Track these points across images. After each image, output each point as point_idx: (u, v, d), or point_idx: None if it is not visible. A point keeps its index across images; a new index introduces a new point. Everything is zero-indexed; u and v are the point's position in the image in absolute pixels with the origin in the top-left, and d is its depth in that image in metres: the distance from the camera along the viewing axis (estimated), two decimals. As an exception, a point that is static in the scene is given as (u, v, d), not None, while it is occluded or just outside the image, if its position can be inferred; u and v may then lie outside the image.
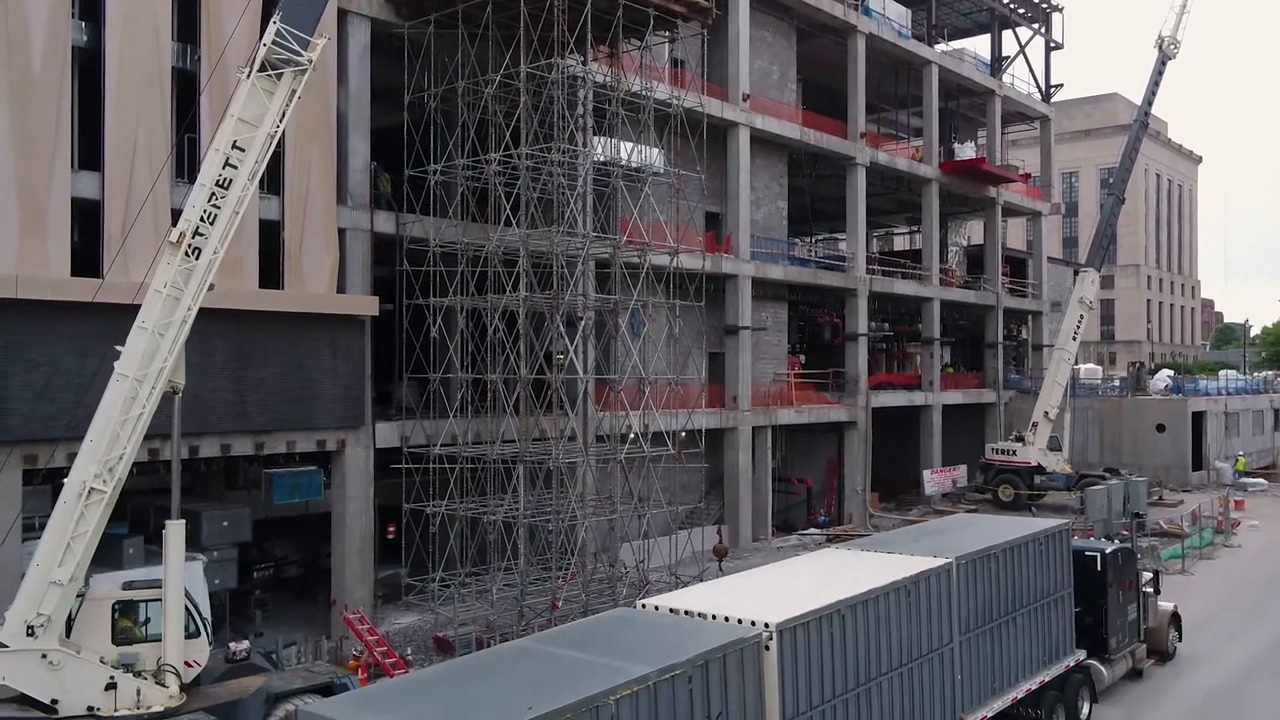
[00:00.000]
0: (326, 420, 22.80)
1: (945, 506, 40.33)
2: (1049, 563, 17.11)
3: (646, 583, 25.38)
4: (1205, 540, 33.91)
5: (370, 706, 9.58)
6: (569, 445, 24.88)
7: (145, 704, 14.42)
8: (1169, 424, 47.53)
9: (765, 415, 35.11)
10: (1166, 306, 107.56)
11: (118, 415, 14.30)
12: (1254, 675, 20.60)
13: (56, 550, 14.03)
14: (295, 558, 28.05)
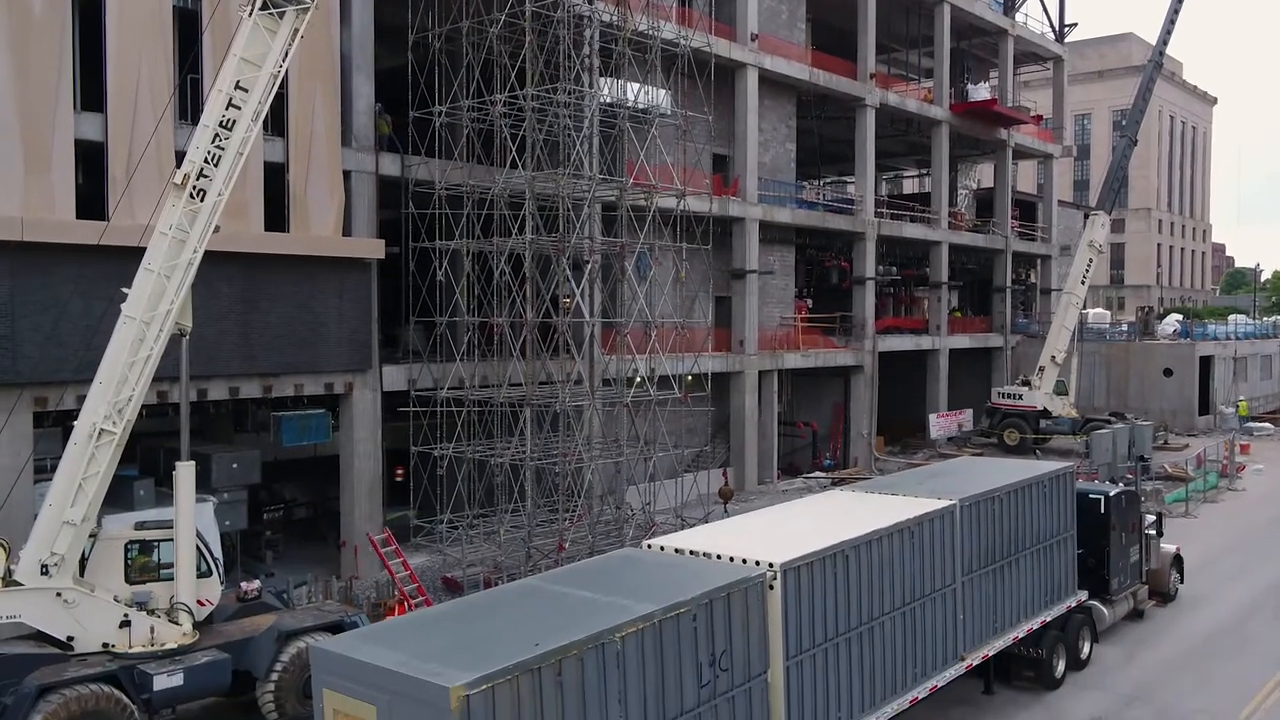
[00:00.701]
0: (334, 363, 22.88)
1: (950, 450, 40.48)
2: (1052, 505, 17.20)
3: (653, 524, 25.59)
4: (1209, 484, 34.04)
5: (379, 642, 9.73)
6: (575, 389, 24.95)
7: (159, 641, 14.68)
8: (1176, 369, 47.47)
9: (772, 359, 35.12)
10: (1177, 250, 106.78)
11: (125, 357, 14.38)
12: (1254, 615, 20.79)
13: (68, 491, 14.20)
14: (305, 499, 28.35)
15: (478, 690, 8.52)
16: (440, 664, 8.86)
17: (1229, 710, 16.07)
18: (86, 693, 13.43)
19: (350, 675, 9.27)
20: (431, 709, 8.51)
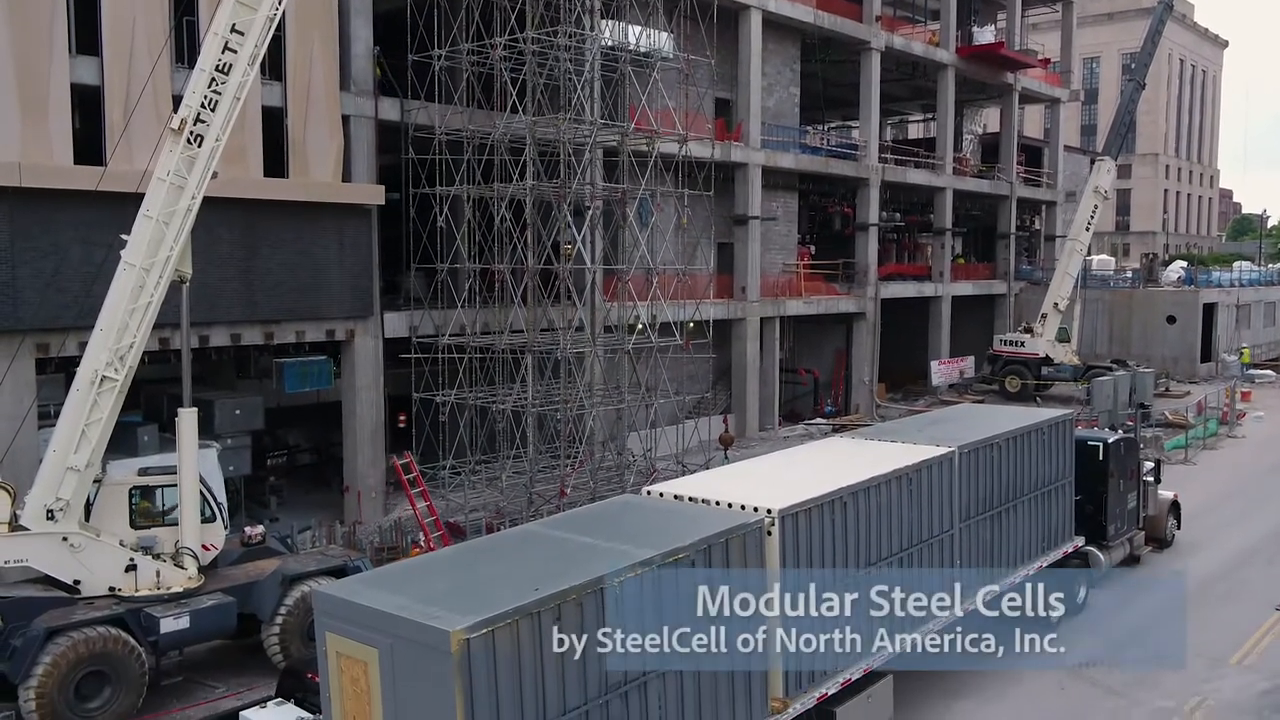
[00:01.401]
0: (335, 310, 22.89)
1: (952, 397, 40.57)
2: (1051, 452, 17.27)
3: (654, 470, 25.75)
4: (1209, 431, 34.14)
5: (381, 586, 9.86)
6: (577, 335, 24.98)
7: (164, 585, 14.87)
8: (1179, 316, 47.37)
9: (774, 306, 35.08)
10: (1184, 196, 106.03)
11: (126, 304, 14.38)
12: (1249, 561, 20.97)
13: (72, 437, 14.29)
14: (308, 445, 28.53)
15: (478, 634, 8.63)
16: (441, 608, 8.96)
17: (1222, 652, 16.29)
18: (94, 635, 13.63)
19: (352, 619, 9.39)
20: (432, 652, 8.63)
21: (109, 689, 13.68)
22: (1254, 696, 14.81)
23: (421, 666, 8.77)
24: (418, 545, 20.87)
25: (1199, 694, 14.82)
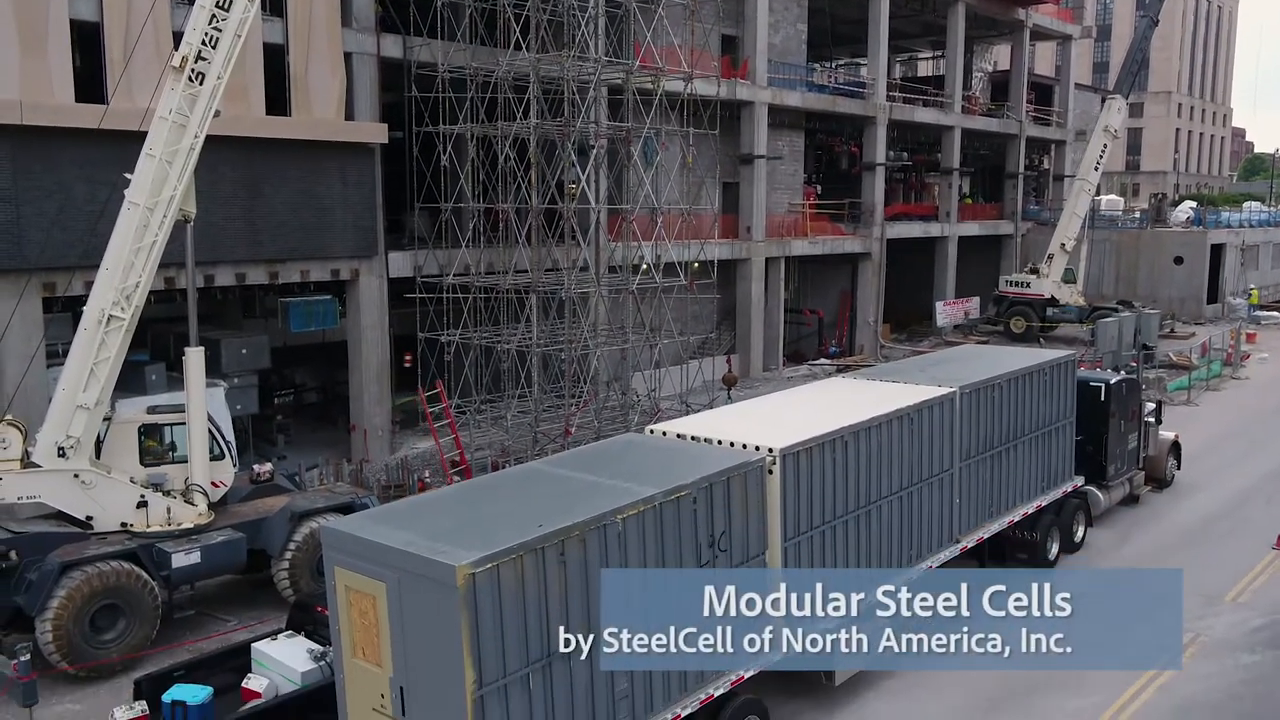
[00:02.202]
0: (339, 249, 22.89)
1: (956, 338, 40.58)
2: (1053, 393, 17.35)
3: (658, 410, 25.90)
4: (1213, 372, 34.16)
5: (388, 522, 10.02)
6: (581, 275, 24.97)
7: (175, 521, 15.10)
8: (1187, 256, 47.14)
9: (779, 246, 34.97)
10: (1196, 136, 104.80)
11: (131, 243, 14.43)
12: (1248, 501, 21.14)
13: (80, 375, 14.42)
14: (314, 384, 28.69)
15: (483, 569, 8.81)
16: (447, 543, 9.13)
17: (1218, 590, 16.50)
18: (108, 569, 13.88)
19: (360, 554, 9.57)
20: (438, 586, 8.81)
21: (123, 621, 13.96)
22: (1246, 633, 15.03)
23: (428, 600, 8.96)
24: (424, 482, 21.12)
25: (1192, 630, 15.02)
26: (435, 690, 9.07)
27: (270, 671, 11.63)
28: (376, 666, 9.53)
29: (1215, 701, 13.11)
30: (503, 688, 9.02)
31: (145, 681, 11.72)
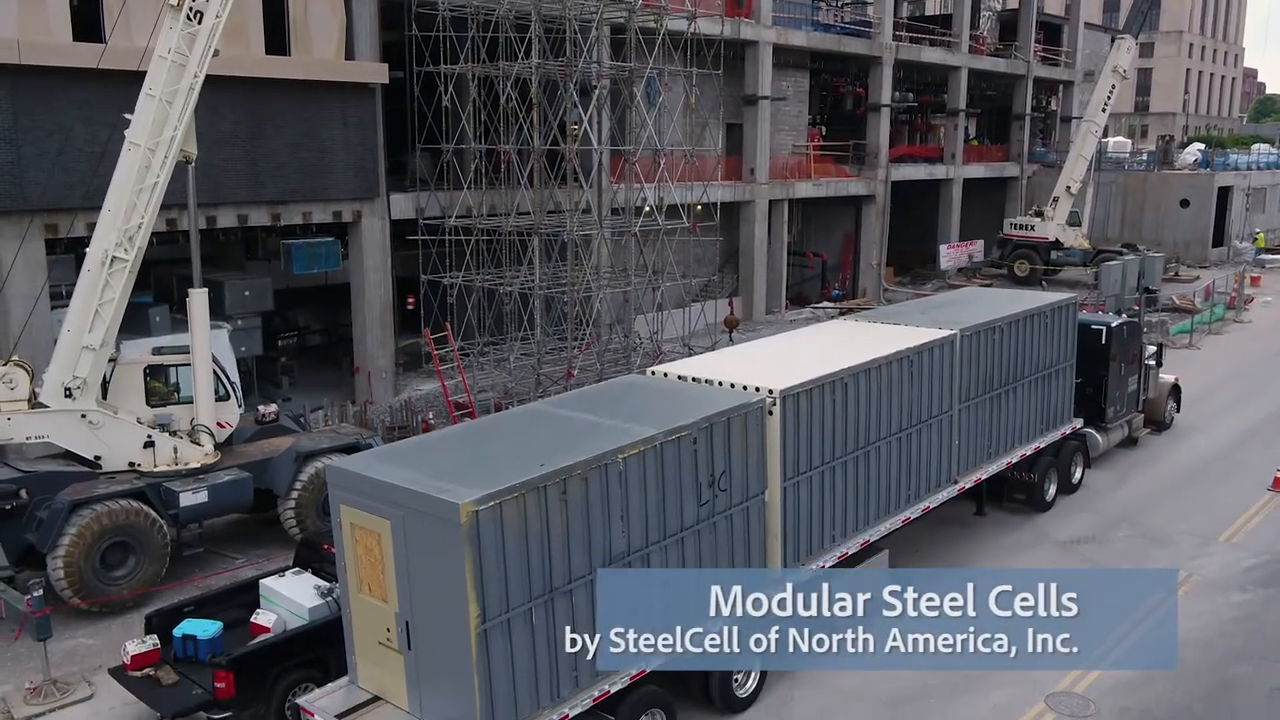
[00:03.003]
0: (341, 191, 22.83)
1: (959, 281, 40.54)
2: (1054, 335, 17.39)
3: (660, 353, 25.99)
4: (1216, 315, 34.15)
5: (393, 461, 10.15)
6: (583, 217, 24.91)
7: (182, 461, 15.29)
8: (1193, 199, 46.85)
9: (783, 188, 34.80)
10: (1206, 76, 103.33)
11: (133, 184, 14.44)
12: (1246, 443, 21.29)
13: (85, 317, 14.52)
14: (318, 327, 28.80)
15: (486, 506, 8.95)
16: (451, 482, 9.26)
17: (1212, 531, 16.72)
18: (117, 508, 14.08)
19: (365, 492, 9.71)
20: (443, 524, 8.96)
21: (133, 559, 14.20)
22: (1239, 572, 15.25)
23: (432, 537, 9.12)
24: (428, 423, 21.29)
25: (1186, 570, 15.25)
26: (440, 624, 9.26)
27: (278, 607, 11.86)
28: (382, 601, 9.72)
29: (1206, 639, 13.34)
30: (506, 622, 9.21)
31: (156, 616, 11.98)
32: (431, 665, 9.47)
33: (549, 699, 9.70)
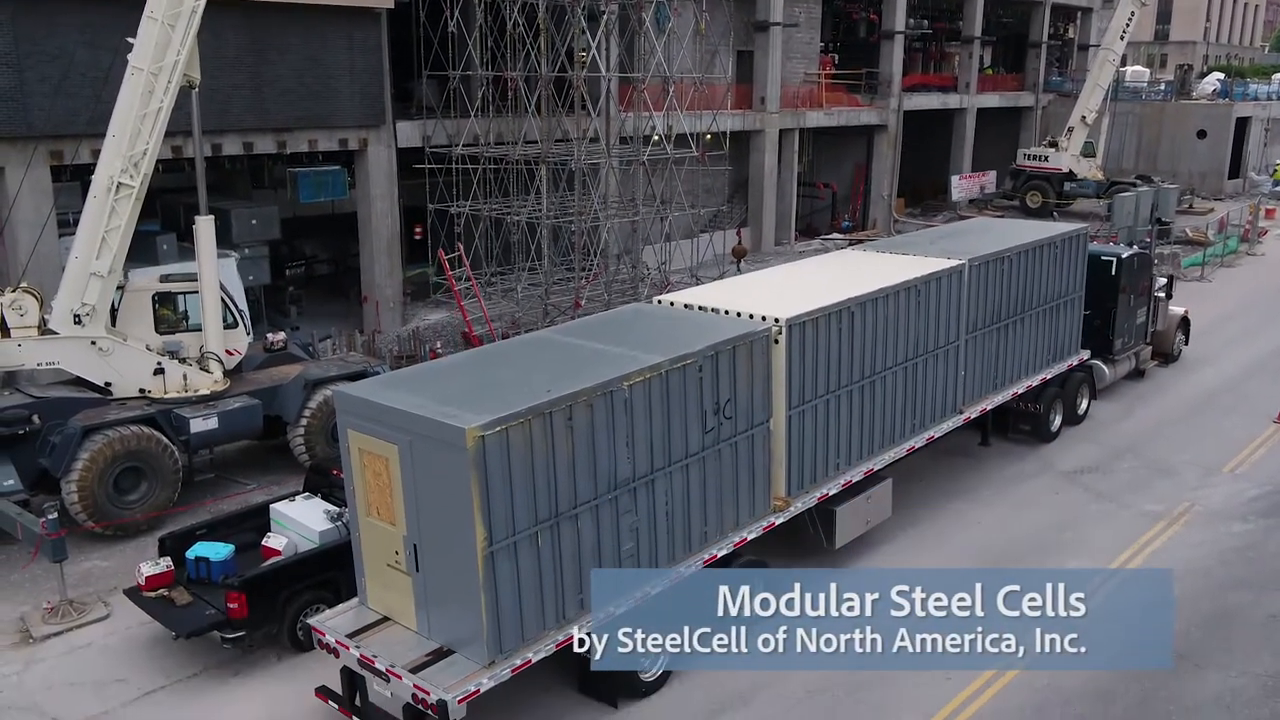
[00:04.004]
0: (347, 118, 22.64)
1: (970, 212, 40.15)
2: (1063, 266, 17.29)
3: (668, 283, 25.93)
4: (1229, 248, 33.87)
5: (400, 387, 10.22)
6: (591, 146, 24.69)
7: (192, 388, 15.40)
8: (1210, 130, 46.15)
9: (793, 117, 34.37)
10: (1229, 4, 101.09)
11: (136, 110, 14.34)
12: (1254, 376, 21.26)
13: (92, 244, 14.52)
14: (325, 256, 28.78)
15: (492, 432, 9.02)
16: (457, 407, 9.33)
17: (1215, 462, 16.78)
18: (128, 433, 14.24)
19: (373, 418, 9.79)
20: (449, 448, 9.04)
21: (145, 483, 14.39)
22: (1241, 503, 15.34)
23: (439, 462, 9.21)
24: (435, 352, 21.35)
25: (1188, 500, 15.37)
26: (447, 547, 9.40)
27: (289, 531, 12.05)
28: (390, 525, 9.86)
29: (1205, 567, 13.48)
30: (512, 545, 9.35)
31: (169, 539, 12.19)
32: (439, 587, 9.64)
33: (555, 620, 9.88)
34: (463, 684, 9.16)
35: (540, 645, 9.71)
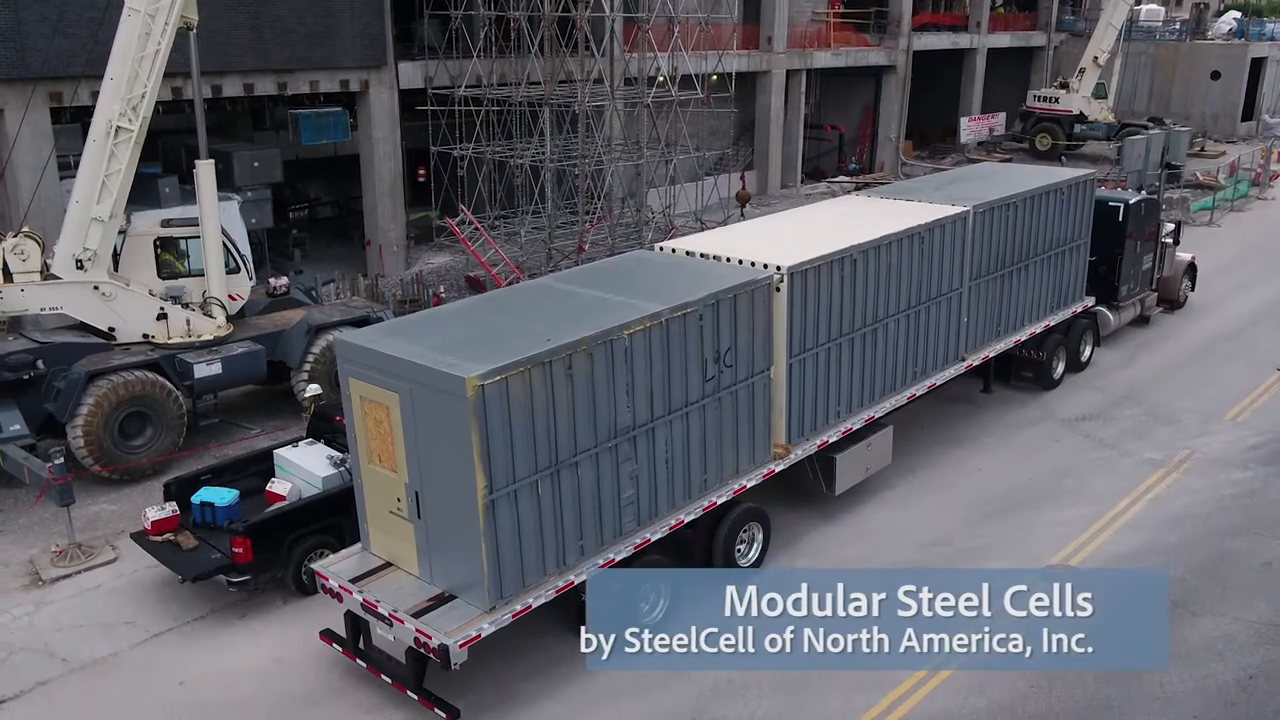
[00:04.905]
0: (348, 59, 22.38)
1: (979, 155, 39.75)
2: (1069, 212, 17.15)
3: (672, 227, 25.82)
4: (1239, 193, 33.52)
5: (401, 335, 10.22)
6: (595, 88, 24.41)
7: (195, 333, 15.44)
8: (1225, 71, 45.40)
9: (800, 58, 33.90)
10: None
11: (134, 52, 14.19)
12: (1259, 323, 21.18)
13: (92, 188, 14.47)
14: (329, 199, 28.65)
15: (492, 380, 9.05)
16: (457, 356, 9.34)
17: (1216, 410, 16.79)
18: (132, 379, 14.31)
19: (374, 366, 9.82)
20: (449, 397, 9.08)
21: (150, 428, 14.50)
22: (1241, 450, 15.36)
23: (440, 410, 9.25)
24: (439, 297, 21.36)
25: (1188, 447, 15.40)
26: (448, 495, 9.48)
27: (293, 476, 12.15)
28: (392, 472, 9.94)
29: (1204, 514, 13.56)
30: (512, 493, 9.42)
31: (174, 484, 12.31)
32: (441, 534, 9.74)
33: (555, 566, 9.99)
34: (464, 629, 9.29)
35: (541, 591, 9.84)
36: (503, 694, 10.11)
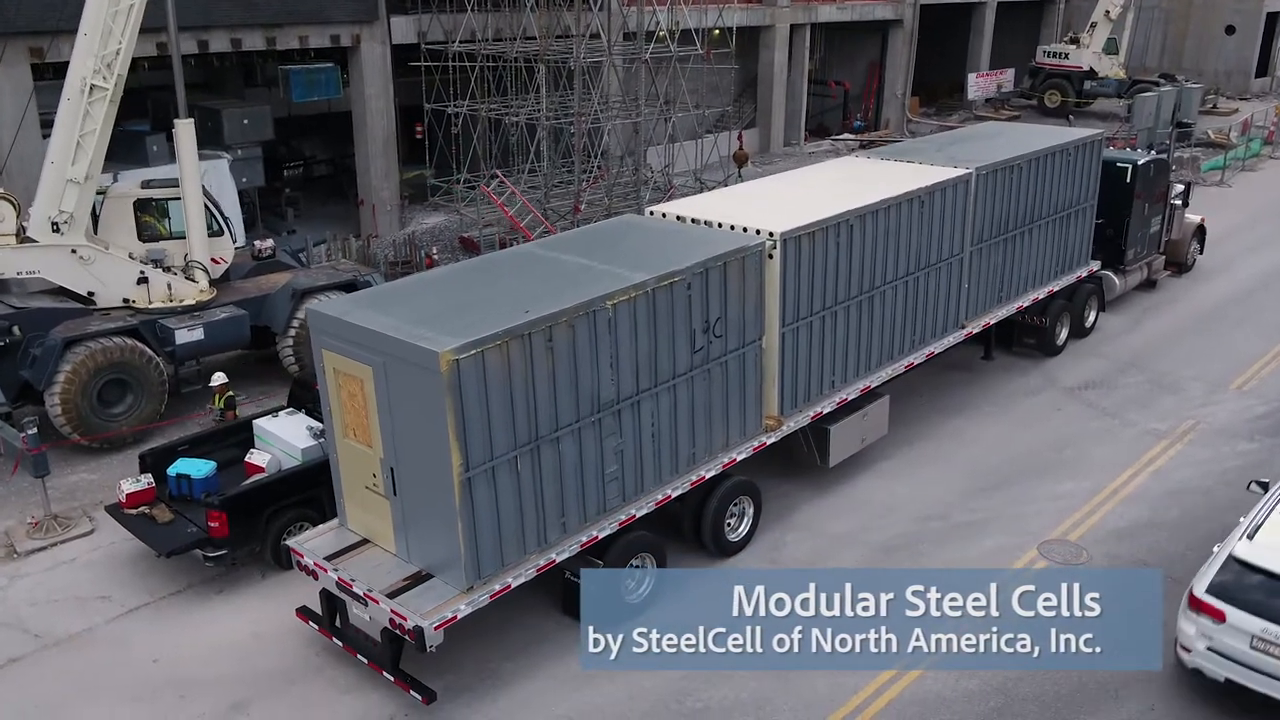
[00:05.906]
0: (339, 13, 21.84)
1: (987, 112, 39.04)
2: (1076, 174, 16.64)
3: (671, 187, 25.33)
4: (1251, 151, 32.81)
5: (374, 306, 9.84)
6: (592, 43, 23.81)
7: (177, 297, 15.10)
8: (1240, 25, 44.44)
9: (804, 12, 33.15)
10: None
11: (108, 6, 13.72)
12: (1267, 287, 20.71)
13: (68, 148, 14.08)
14: (323, 157, 28.17)
15: (467, 355, 8.70)
16: (431, 329, 8.99)
17: (1222, 378, 16.41)
18: (111, 345, 13.99)
19: (347, 338, 9.47)
20: (423, 372, 8.74)
21: (131, 396, 14.20)
22: (1247, 420, 15.00)
23: (413, 385, 8.92)
24: (431, 258, 20.98)
25: (1193, 417, 15.05)
26: (424, 471, 9.18)
27: (272, 447, 11.87)
28: (367, 447, 9.63)
29: (1206, 486, 13.23)
30: (490, 470, 9.11)
31: (150, 455, 12.02)
32: (417, 511, 9.46)
33: (536, 544, 9.71)
34: (439, 610, 9.03)
35: (521, 570, 9.57)
36: (483, 674, 9.88)
